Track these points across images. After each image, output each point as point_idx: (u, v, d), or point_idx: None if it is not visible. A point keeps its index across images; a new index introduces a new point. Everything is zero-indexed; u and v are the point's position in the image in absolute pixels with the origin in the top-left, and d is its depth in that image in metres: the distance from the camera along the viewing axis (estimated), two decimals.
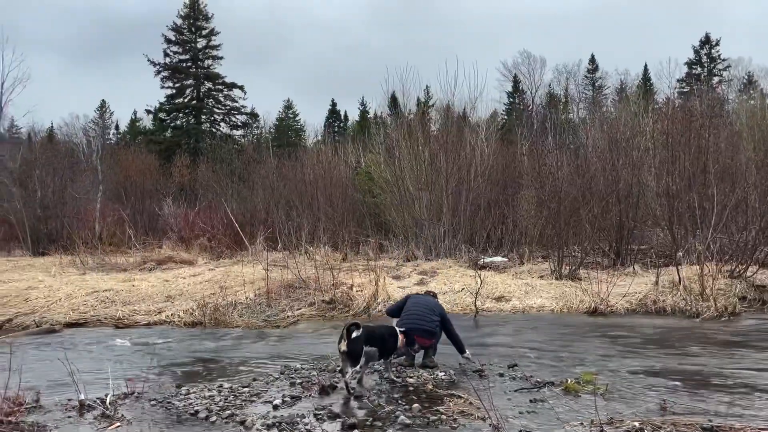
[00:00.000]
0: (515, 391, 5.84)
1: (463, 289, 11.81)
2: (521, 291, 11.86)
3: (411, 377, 6.27)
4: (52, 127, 51.35)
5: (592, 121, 29.92)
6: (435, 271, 13.87)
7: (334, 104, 58.67)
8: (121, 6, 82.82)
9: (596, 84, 51.51)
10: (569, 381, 5.93)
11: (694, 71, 47.80)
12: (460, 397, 5.59)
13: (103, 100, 56.02)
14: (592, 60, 51.60)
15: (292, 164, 24.45)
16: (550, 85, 50.36)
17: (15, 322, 10.28)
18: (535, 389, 5.86)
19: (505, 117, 45.17)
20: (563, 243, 13.98)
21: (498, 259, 15.84)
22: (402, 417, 4.96)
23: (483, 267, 14.21)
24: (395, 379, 6.16)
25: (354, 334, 5.65)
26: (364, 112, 52.70)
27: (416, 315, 6.78)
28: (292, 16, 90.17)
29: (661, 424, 4.66)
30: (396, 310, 7.14)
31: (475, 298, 10.88)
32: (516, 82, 51.36)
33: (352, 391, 5.63)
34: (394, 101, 27.04)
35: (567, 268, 13.42)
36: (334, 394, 5.74)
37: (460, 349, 6.87)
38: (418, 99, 26.82)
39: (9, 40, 52.19)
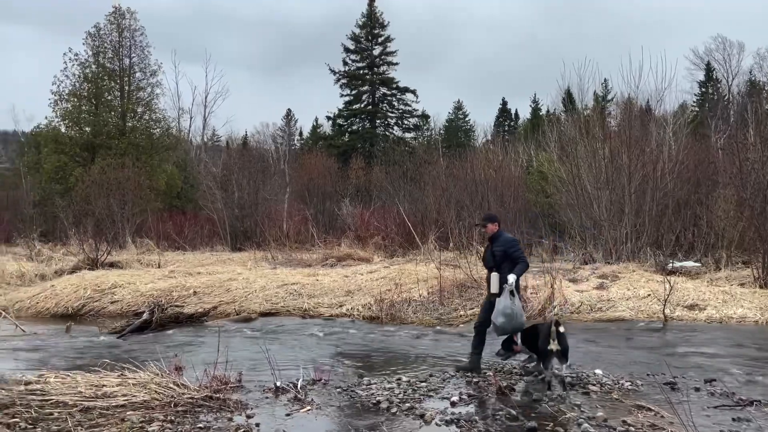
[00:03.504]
0: (714, 407, 5.30)
1: (649, 295, 10.96)
2: (718, 299, 10.70)
3: (594, 384, 5.97)
4: (246, 135, 56.85)
5: None
6: (616, 275, 13.04)
7: (504, 103, 57.86)
8: (302, 21, 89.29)
9: None
10: None
11: None
12: (649, 409, 5.21)
13: (288, 109, 60.87)
14: None
15: (462, 164, 24.50)
16: (750, 72, 44.87)
17: (219, 309, 11.54)
18: (739, 407, 5.26)
19: (696, 109, 41.15)
20: None
21: (689, 263, 14.46)
22: (585, 425, 4.74)
23: (672, 272, 13.07)
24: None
25: (561, 329, 5.82)
26: (536, 110, 51.22)
27: None
28: (455, 17, 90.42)
29: None
30: None
31: (664, 305, 10.04)
32: (709, 70, 46.52)
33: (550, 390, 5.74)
34: (569, 96, 25.92)
35: None
36: (511, 395, 5.65)
37: None
38: (595, 93, 25.46)
39: (211, 58, 58.79)
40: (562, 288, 10.87)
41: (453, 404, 5.39)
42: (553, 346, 5.77)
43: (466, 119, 57.38)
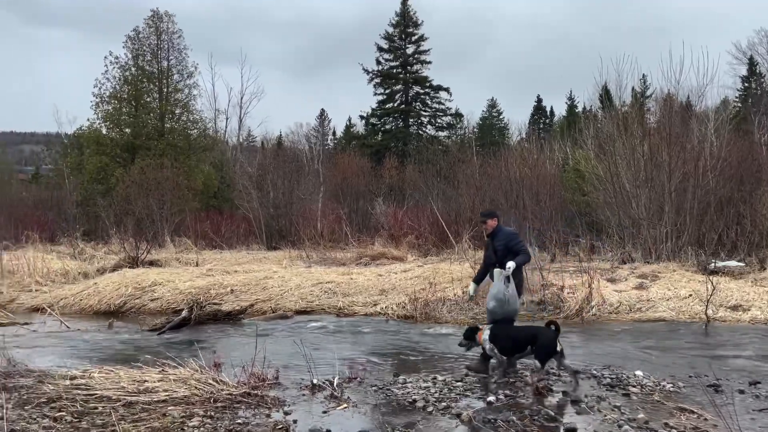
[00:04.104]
0: (760, 410, 5.15)
1: (690, 295, 10.71)
2: (763, 300, 10.40)
3: (634, 386, 5.86)
4: (281, 135, 57.42)
5: None
6: (656, 274, 12.77)
7: (539, 100, 57.23)
8: (336, 22, 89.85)
9: None
10: None
11: None
12: (692, 411, 5.09)
13: (322, 109, 61.27)
14: None
15: (497, 163, 24.29)
16: None
17: (255, 307, 11.69)
18: None
19: (739, 104, 39.96)
20: None
21: (732, 263, 14.06)
22: (626, 427, 4.66)
23: (714, 272, 12.74)
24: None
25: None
26: (571, 107, 50.50)
27: None
28: (487, 14, 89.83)
29: None
30: None
31: (706, 305, 9.79)
32: (752, 64, 45.06)
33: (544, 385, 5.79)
34: (606, 93, 25.47)
35: None
36: (549, 396, 5.59)
37: None
38: (633, 89, 24.92)
39: (246, 59, 59.69)
40: (599, 288, 10.71)
41: (489, 404, 5.35)
42: (558, 345, 5.96)
43: (500, 117, 56.91)
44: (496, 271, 6.47)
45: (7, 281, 14.17)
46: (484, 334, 6.35)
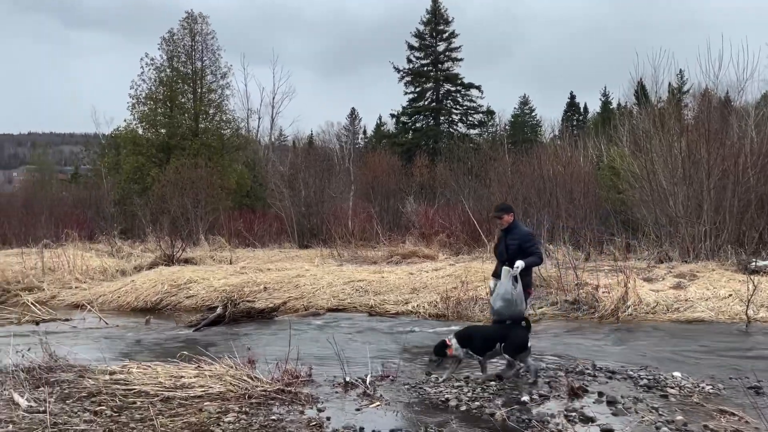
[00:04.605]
0: None
1: (730, 295, 10.42)
2: None
3: (672, 387, 5.74)
4: (312, 134, 57.87)
5: None
6: (694, 274, 12.47)
7: (572, 97, 56.43)
8: (366, 21, 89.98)
9: None
10: None
11: None
12: (732, 413, 4.96)
13: (353, 108, 61.57)
14: None
15: (529, 160, 24.03)
16: None
17: (288, 305, 11.80)
18: None
19: None
20: None
21: None
22: (664, 428, 4.58)
23: (755, 271, 12.37)
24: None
25: None
26: (606, 103, 49.69)
27: None
28: (518, 10, 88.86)
29: None
30: None
31: (747, 306, 9.52)
32: None
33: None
34: (642, 88, 24.96)
35: None
36: (584, 396, 5.51)
37: None
38: (670, 84, 24.37)
39: (278, 59, 60.21)
40: (636, 287, 10.50)
41: (524, 404, 5.30)
42: (529, 342, 6.15)
43: (533, 114, 56.35)
44: (505, 269, 6.34)
45: (49, 278, 14.58)
46: (452, 343, 6.20)
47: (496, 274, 6.87)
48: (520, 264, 6.25)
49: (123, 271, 16.00)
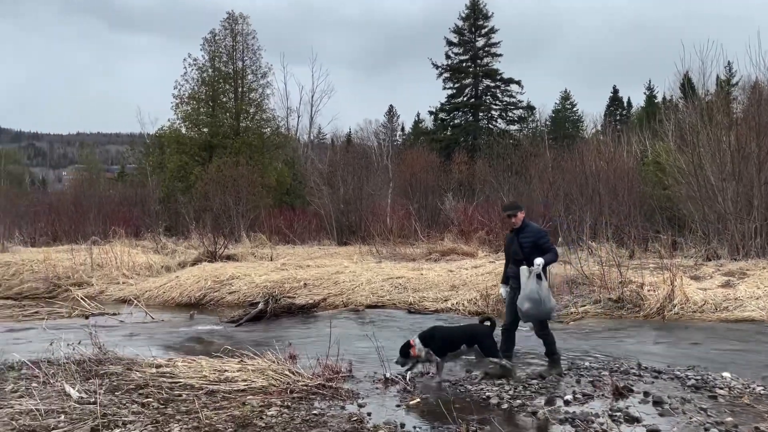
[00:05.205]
0: None
1: None
2: None
3: (721, 388, 5.57)
4: (350, 132, 58.06)
5: None
6: (744, 272, 12.07)
7: (615, 91, 55.24)
8: (404, 18, 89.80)
9: None
10: None
11: None
12: None
13: (391, 105, 61.64)
14: None
15: (571, 156, 23.62)
16: None
17: (328, 301, 11.89)
18: None
19: None
20: None
21: None
22: (713, 430, 4.46)
23: None
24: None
25: None
26: (650, 97, 48.44)
27: None
28: (558, 3, 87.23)
29: None
30: None
31: None
32: None
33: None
34: (688, 82, 24.25)
35: None
36: (630, 396, 5.39)
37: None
38: (718, 77, 23.58)
39: (317, 58, 60.66)
40: (682, 285, 10.22)
41: (567, 403, 5.22)
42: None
43: (574, 109, 55.31)
44: (523, 268, 6.20)
45: (97, 274, 15.04)
46: (416, 344, 6.20)
47: (506, 281, 6.66)
48: (539, 261, 6.07)
49: (168, 268, 16.38)
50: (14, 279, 15.08)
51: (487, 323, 6.37)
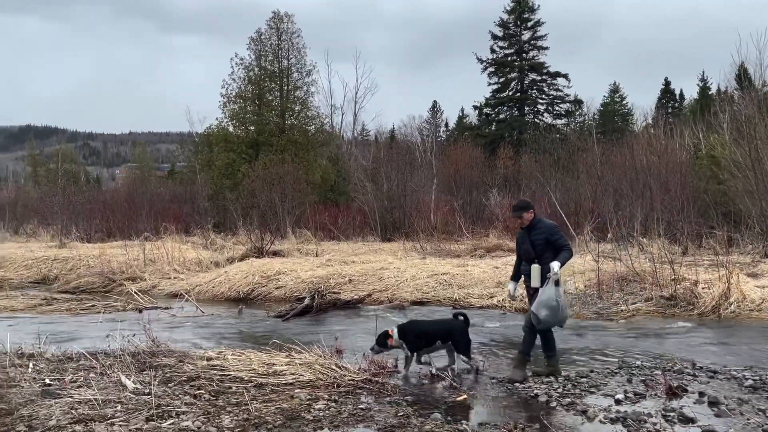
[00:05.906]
0: None
1: None
2: None
3: None
4: (394, 128, 58.14)
5: None
6: None
7: (666, 83, 53.51)
8: (447, 13, 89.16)
9: None
10: None
11: None
12: None
13: (434, 101, 61.45)
14: None
15: (620, 150, 23.03)
16: None
17: (372, 297, 11.95)
18: None
19: None
20: None
21: None
22: None
23: None
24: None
25: None
26: (704, 89, 46.74)
27: None
28: None
29: None
30: None
31: None
32: None
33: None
34: (744, 72, 23.34)
35: None
36: (684, 396, 5.23)
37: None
38: None
39: (360, 55, 60.89)
40: (739, 283, 9.85)
41: (618, 402, 5.11)
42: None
43: (623, 102, 53.86)
44: (535, 267, 6.02)
45: (149, 269, 15.49)
46: (394, 334, 6.23)
47: (516, 277, 6.51)
48: (556, 267, 5.85)
49: (216, 263, 16.73)
50: (72, 274, 15.70)
51: (461, 318, 6.42)
